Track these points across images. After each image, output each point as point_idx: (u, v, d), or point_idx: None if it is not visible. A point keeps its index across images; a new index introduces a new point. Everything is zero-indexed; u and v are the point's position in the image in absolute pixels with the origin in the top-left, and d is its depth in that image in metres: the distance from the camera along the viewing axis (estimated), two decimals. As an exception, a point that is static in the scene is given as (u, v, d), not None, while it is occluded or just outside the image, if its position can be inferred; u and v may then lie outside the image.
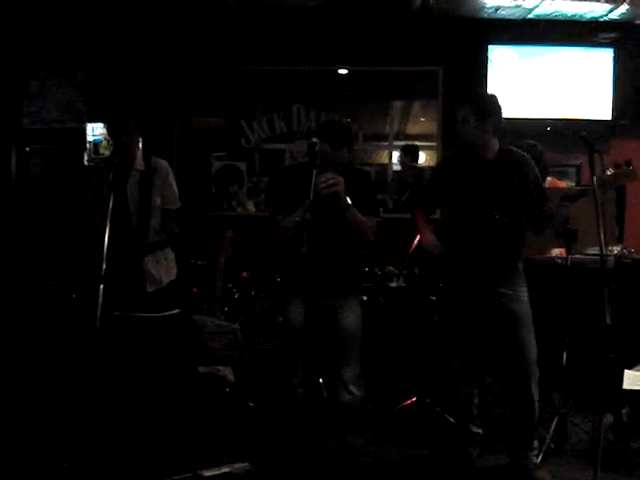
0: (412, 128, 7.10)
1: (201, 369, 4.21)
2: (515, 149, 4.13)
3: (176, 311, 3.70)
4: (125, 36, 6.44)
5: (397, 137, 7.04)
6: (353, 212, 3.96)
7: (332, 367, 4.13)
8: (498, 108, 4.04)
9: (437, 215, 4.40)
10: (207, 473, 3.73)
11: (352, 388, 4.13)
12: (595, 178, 3.54)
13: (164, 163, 4.49)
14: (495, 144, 4.05)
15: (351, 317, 4.15)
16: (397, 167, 7.01)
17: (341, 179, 3.86)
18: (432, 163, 6.87)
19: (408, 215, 4.47)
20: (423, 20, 6.27)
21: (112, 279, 3.65)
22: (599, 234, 3.55)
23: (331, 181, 3.81)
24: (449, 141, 6.22)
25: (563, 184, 5.63)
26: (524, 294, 4.08)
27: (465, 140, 4.07)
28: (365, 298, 5.08)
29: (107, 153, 5.99)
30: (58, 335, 4.87)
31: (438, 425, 4.70)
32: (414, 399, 4.94)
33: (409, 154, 6.90)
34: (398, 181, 6.88)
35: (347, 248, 4.15)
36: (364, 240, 4.14)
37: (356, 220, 3.99)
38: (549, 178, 5.18)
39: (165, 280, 4.39)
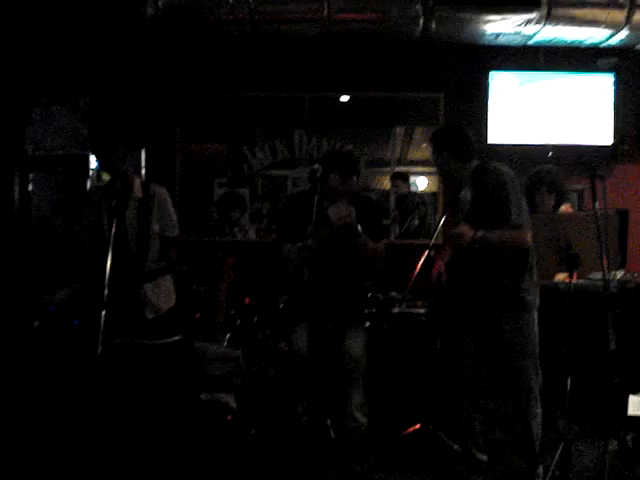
0: (414, 154, 7.11)
1: (203, 396, 4.19)
2: (492, 164, 4.13)
3: (177, 338, 3.69)
4: (128, 64, 6.50)
5: (399, 163, 7.05)
6: (364, 240, 4.04)
7: (337, 394, 4.11)
8: (463, 137, 4.13)
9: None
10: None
11: (357, 415, 4.12)
12: (597, 203, 3.55)
13: (162, 190, 4.50)
14: (465, 168, 4.10)
15: (356, 344, 4.17)
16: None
17: (353, 209, 3.96)
18: (434, 189, 6.88)
19: (410, 241, 4.48)
20: (424, 47, 6.30)
21: (112, 305, 3.65)
22: (601, 259, 3.55)
23: (344, 213, 3.90)
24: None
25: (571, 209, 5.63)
26: (523, 322, 4.06)
27: (442, 174, 4.27)
28: (368, 324, 5.06)
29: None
30: (59, 361, 4.85)
31: (442, 452, 4.67)
32: (418, 426, 4.90)
33: (399, 180, 6.90)
34: (401, 207, 6.87)
35: (355, 275, 4.20)
36: (374, 265, 4.21)
37: (366, 247, 4.07)
38: (563, 206, 5.16)
39: (165, 307, 4.39)
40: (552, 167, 5.06)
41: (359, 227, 4.00)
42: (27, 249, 6.29)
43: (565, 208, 5.21)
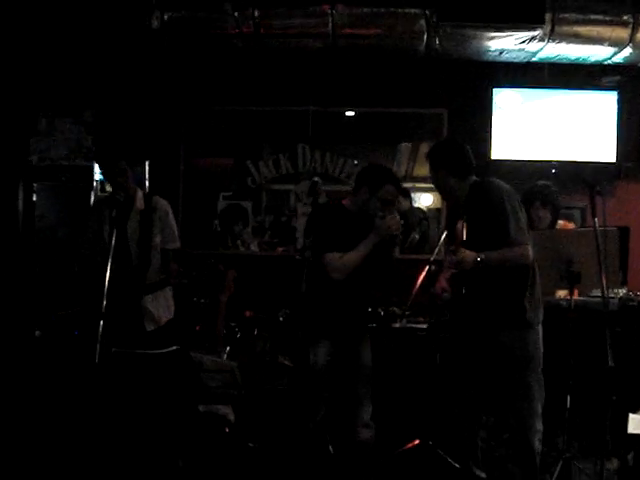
0: (419, 170, 7.11)
1: (201, 408, 4.17)
2: (489, 180, 4.14)
3: (173, 348, 3.69)
4: (133, 77, 6.54)
5: (404, 179, 7.06)
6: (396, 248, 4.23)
7: (352, 406, 4.13)
8: (450, 156, 4.12)
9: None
10: (205, 514, 3.69)
11: (370, 423, 4.16)
12: (596, 220, 3.55)
13: (164, 202, 4.53)
14: (463, 185, 4.09)
15: (367, 354, 4.25)
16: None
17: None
18: (439, 205, 6.87)
19: (411, 256, 4.49)
20: (428, 63, 6.31)
21: (112, 316, 3.66)
22: (601, 277, 3.54)
23: (400, 222, 4.05)
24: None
25: (572, 226, 5.62)
26: (525, 337, 4.05)
27: (441, 192, 4.26)
28: (369, 336, 5.06)
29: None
30: (60, 371, 4.85)
31: (441, 468, 4.64)
32: (417, 442, 4.88)
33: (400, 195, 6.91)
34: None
35: (373, 287, 4.29)
36: (393, 275, 4.31)
37: (394, 257, 4.22)
38: (560, 221, 5.16)
39: (164, 319, 4.42)
40: (546, 183, 5.07)
41: None
42: (30, 259, 6.31)
43: (563, 224, 5.21)
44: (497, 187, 4.00)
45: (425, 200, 7.10)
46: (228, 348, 4.93)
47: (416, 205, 6.92)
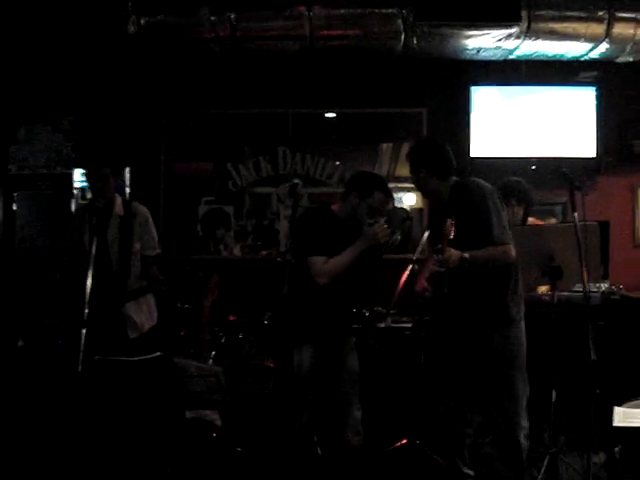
0: (401, 170, 7.11)
1: (188, 414, 4.16)
2: (470, 180, 4.14)
3: (156, 354, 3.67)
4: (111, 83, 6.50)
5: (387, 179, 7.05)
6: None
7: (339, 410, 4.12)
8: (430, 156, 4.14)
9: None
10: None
11: (359, 428, 4.16)
12: (576, 214, 3.57)
13: (144, 209, 4.52)
14: (444, 185, 4.10)
15: (353, 357, 4.24)
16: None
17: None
18: (422, 205, 6.88)
19: (395, 256, 4.48)
20: (406, 63, 6.31)
21: (94, 325, 3.64)
22: (582, 271, 3.56)
23: (388, 231, 4.02)
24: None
25: (539, 222, 5.65)
26: (511, 333, 4.06)
27: (423, 192, 4.29)
28: (354, 339, 5.06)
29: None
30: (43, 381, 4.82)
31: (428, 467, 4.65)
32: (404, 441, 4.89)
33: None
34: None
35: (357, 292, 4.30)
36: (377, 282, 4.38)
37: (379, 265, 4.22)
38: (530, 218, 5.20)
39: (147, 325, 4.41)
40: (519, 179, 5.09)
41: None
42: (11, 269, 6.27)
43: (532, 221, 5.25)
44: (479, 187, 4.02)
45: (408, 200, 7.10)
46: (213, 353, 4.92)
47: (399, 205, 6.92)
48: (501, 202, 4.04)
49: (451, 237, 3.76)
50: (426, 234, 4.66)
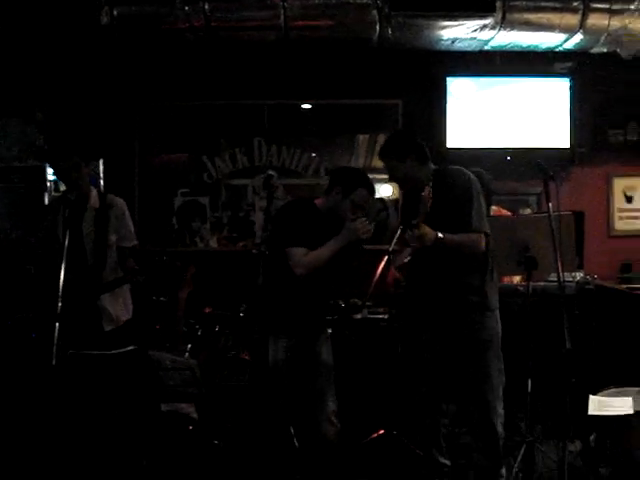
0: (378, 161, 7.08)
1: (163, 407, 4.13)
2: (454, 167, 4.15)
3: (130, 348, 3.64)
4: (84, 74, 6.43)
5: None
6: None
7: (314, 402, 4.11)
8: (413, 143, 4.14)
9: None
10: (169, 513, 3.65)
11: (335, 420, 4.12)
12: (550, 204, 3.58)
13: (120, 201, 4.49)
14: (426, 171, 4.10)
15: (328, 349, 4.21)
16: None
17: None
18: (398, 196, 6.88)
19: (371, 247, 4.47)
20: (382, 54, 6.31)
21: (69, 317, 3.61)
22: (557, 261, 3.58)
23: (369, 227, 3.98)
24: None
25: (508, 212, 5.68)
26: (489, 321, 4.08)
27: (404, 182, 4.19)
28: (330, 331, 5.05)
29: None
30: (17, 374, 4.78)
31: (406, 457, 4.66)
32: (382, 432, 4.90)
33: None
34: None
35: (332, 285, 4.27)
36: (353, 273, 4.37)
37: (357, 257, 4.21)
38: (494, 207, 5.23)
39: (123, 318, 4.38)
40: (479, 170, 5.10)
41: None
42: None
43: (496, 209, 5.28)
44: (464, 174, 4.05)
45: (384, 191, 7.10)
46: (189, 346, 4.89)
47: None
48: (481, 192, 4.05)
49: (427, 211, 3.78)
50: (400, 229, 4.66)
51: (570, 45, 6.08)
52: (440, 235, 3.83)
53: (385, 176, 6.84)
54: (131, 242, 4.46)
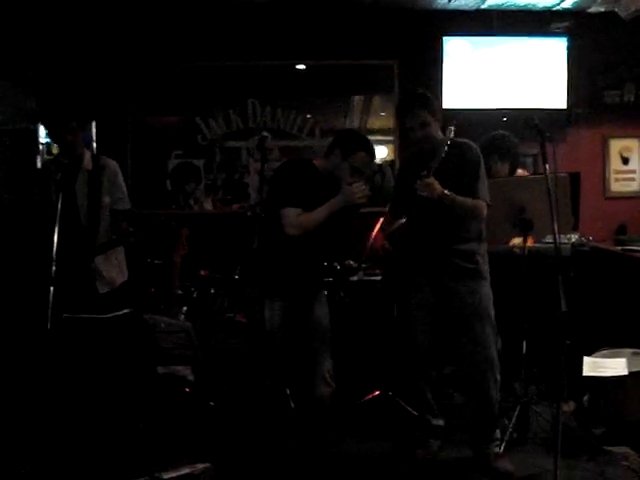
0: (373, 123, 7.06)
1: (160, 370, 4.14)
2: (467, 142, 4.14)
3: (126, 311, 3.64)
4: (76, 35, 6.34)
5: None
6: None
7: (310, 363, 4.11)
8: (432, 99, 4.14)
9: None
10: (166, 475, 3.67)
11: (330, 380, 4.13)
12: (547, 166, 3.56)
13: (113, 163, 4.44)
14: (436, 129, 4.10)
15: (323, 310, 4.20)
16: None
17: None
18: (393, 157, 6.85)
19: (367, 209, 4.45)
20: (376, 13, 6.25)
21: (63, 281, 3.59)
22: (552, 223, 3.57)
23: (366, 192, 3.93)
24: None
25: (524, 172, 5.66)
26: (482, 286, 4.09)
27: (429, 143, 4.07)
28: (326, 293, 5.05)
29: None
30: (11, 339, 4.77)
31: (401, 418, 4.70)
32: (377, 392, 4.93)
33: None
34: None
35: (332, 249, 4.33)
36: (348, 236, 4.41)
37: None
38: (520, 170, 5.20)
39: (118, 280, 4.36)
40: (504, 133, 5.06)
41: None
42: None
43: (521, 172, 5.24)
44: (475, 150, 4.11)
45: (379, 152, 7.07)
46: (185, 308, 4.90)
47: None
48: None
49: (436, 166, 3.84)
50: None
51: (567, 4, 6.04)
52: (447, 192, 3.87)
53: (381, 137, 6.87)
54: (124, 205, 4.43)
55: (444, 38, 6.34)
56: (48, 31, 6.28)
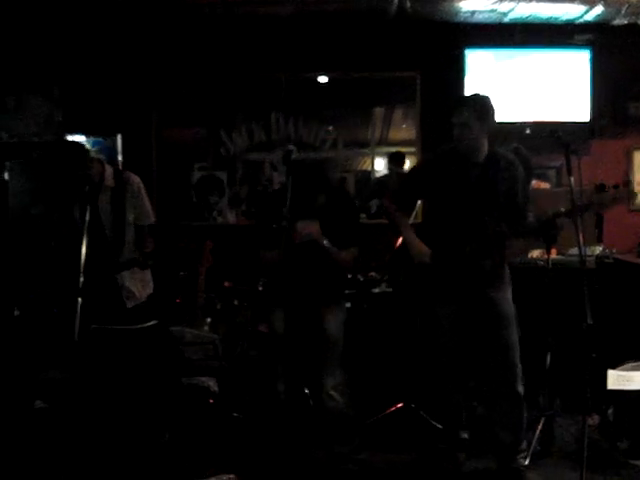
0: (395, 134, 7.10)
1: (184, 381, 4.17)
2: (503, 151, 4.13)
3: (152, 323, 3.67)
4: (101, 50, 6.42)
5: (379, 143, 7.05)
6: (333, 253, 4.12)
7: (315, 374, 4.12)
8: (493, 109, 4.07)
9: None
10: (193, 485, 3.70)
11: (334, 394, 4.13)
12: (572, 178, 3.56)
13: (136, 178, 4.47)
14: (486, 146, 4.05)
15: (332, 324, 4.17)
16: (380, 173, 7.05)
17: (316, 227, 4.03)
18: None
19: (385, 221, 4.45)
20: (400, 25, 6.25)
21: (90, 293, 3.63)
22: (578, 235, 3.56)
23: (305, 231, 3.98)
24: (430, 146, 6.21)
25: (546, 185, 5.65)
26: (509, 295, 4.08)
27: (465, 143, 4.02)
28: (349, 305, 5.06)
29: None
30: (40, 349, 4.82)
31: (424, 430, 4.69)
32: (400, 405, 4.92)
33: (395, 161, 6.93)
34: (379, 186, 6.87)
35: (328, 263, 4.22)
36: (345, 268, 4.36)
37: (337, 258, 4.16)
38: (534, 181, 5.20)
39: (144, 294, 4.39)
40: (517, 146, 5.06)
41: (325, 242, 4.10)
42: (5, 238, 6.24)
43: (536, 184, 5.24)
44: (515, 163, 4.09)
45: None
46: (209, 319, 4.93)
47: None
48: None
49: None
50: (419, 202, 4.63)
51: (590, 17, 6.00)
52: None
53: (402, 149, 6.89)
54: (148, 220, 4.46)
55: (466, 50, 6.34)
56: (75, 46, 6.36)
